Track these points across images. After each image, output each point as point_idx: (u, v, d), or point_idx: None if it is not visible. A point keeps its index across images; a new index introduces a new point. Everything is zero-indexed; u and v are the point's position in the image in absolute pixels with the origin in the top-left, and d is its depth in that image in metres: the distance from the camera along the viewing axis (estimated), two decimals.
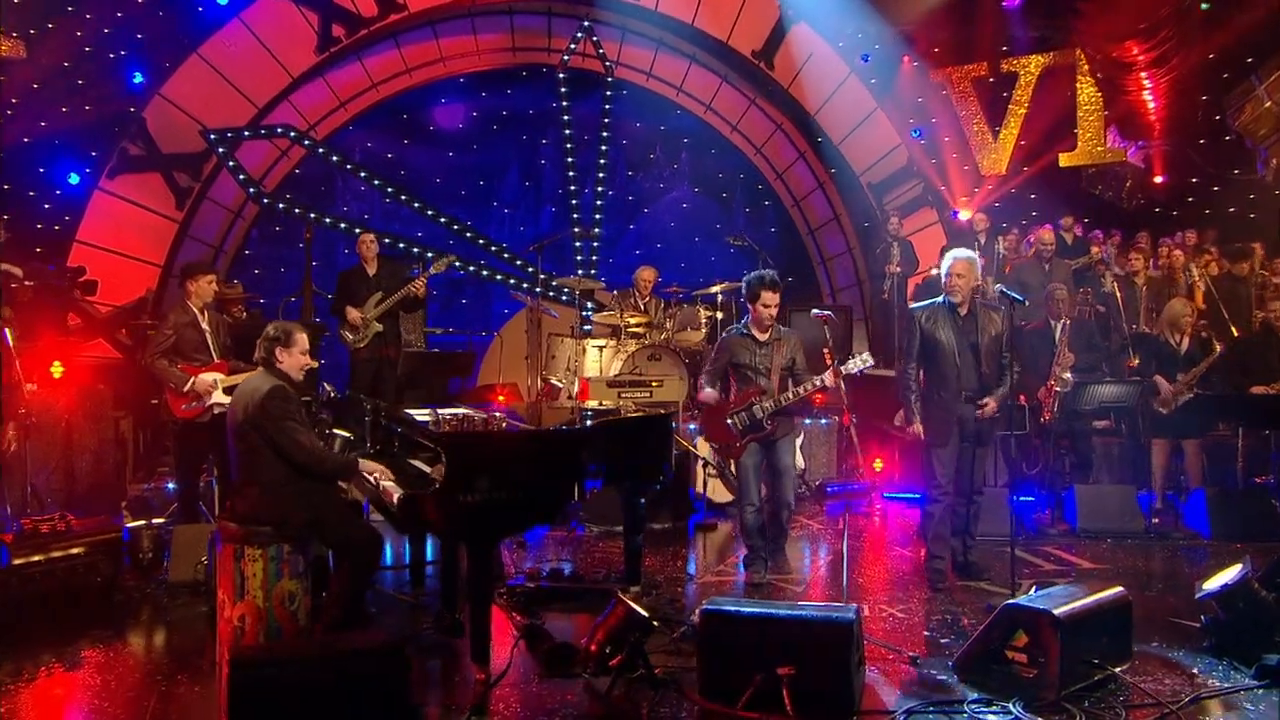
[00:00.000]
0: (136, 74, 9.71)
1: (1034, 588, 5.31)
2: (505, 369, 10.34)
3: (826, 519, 8.10)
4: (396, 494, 4.83)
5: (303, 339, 5.03)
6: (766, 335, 6.15)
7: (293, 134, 10.76)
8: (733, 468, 6.48)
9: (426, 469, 5.04)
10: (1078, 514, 7.43)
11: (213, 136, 10.22)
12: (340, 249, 11.63)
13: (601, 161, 11.79)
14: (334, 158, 11.15)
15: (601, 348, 9.08)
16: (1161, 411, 7.81)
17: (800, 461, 8.39)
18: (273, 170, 11.36)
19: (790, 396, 6.01)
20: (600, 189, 11.79)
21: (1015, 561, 5.51)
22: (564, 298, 10.90)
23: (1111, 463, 8.56)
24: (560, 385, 8.89)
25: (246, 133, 10.46)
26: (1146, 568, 6.59)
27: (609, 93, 11.94)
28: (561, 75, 11.74)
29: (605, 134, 11.81)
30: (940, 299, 6.09)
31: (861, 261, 12.47)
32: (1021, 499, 7.94)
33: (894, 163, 12.11)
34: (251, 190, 10.72)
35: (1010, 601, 4.49)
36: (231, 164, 10.41)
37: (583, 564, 6.65)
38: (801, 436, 8.49)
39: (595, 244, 11.65)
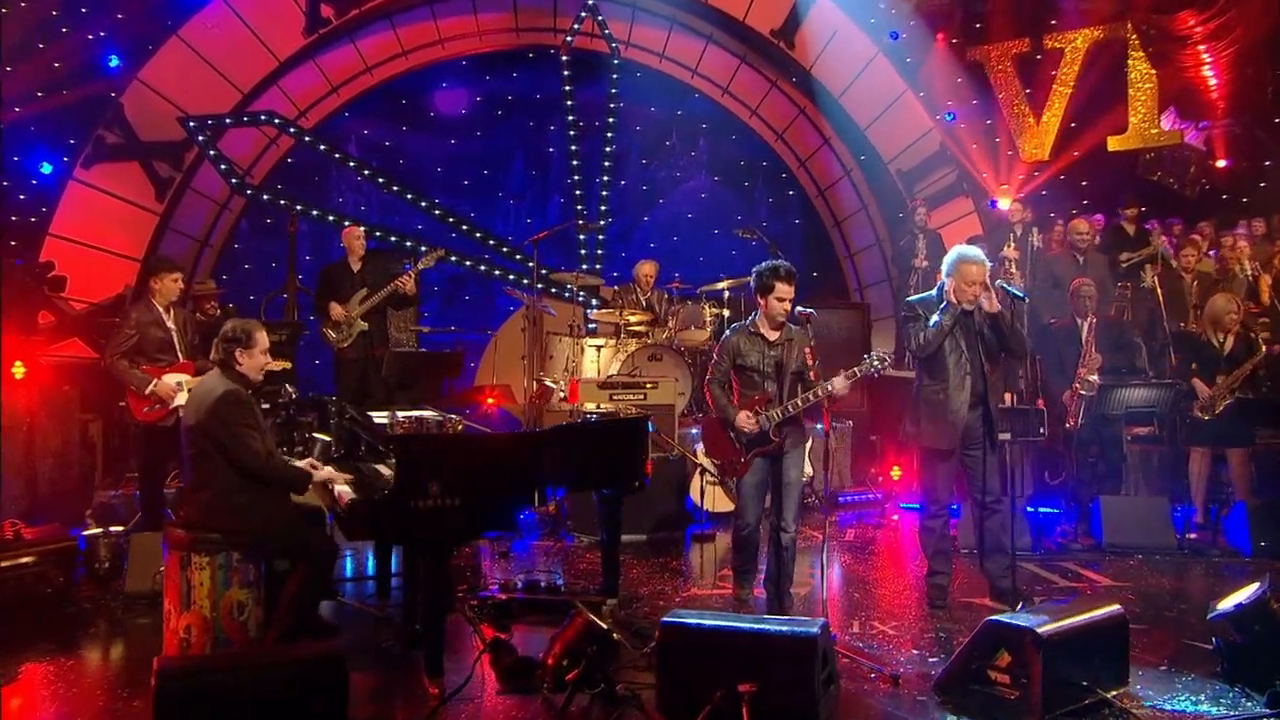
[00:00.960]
0: (113, 57, 9.84)
1: (1021, 605, 5.33)
2: (503, 370, 10.48)
3: (836, 529, 8.14)
4: (348, 498, 4.97)
5: (263, 339, 5.18)
6: (778, 334, 5.90)
7: (278, 121, 10.93)
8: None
9: (389, 473, 5.16)
10: (1103, 528, 7.40)
11: (192, 124, 10.41)
12: (334, 243, 11.68)
13: (608, 149, 11.87)
14: (321, 146, 11.32)
15: (599, 347, 9.19)
16: (1200, 417, 7.75)
17: (809, 469, 8.42)
18: (262, 159, 11.54)
19: (800, 404, 5.81)
20: (606, 178, 11.87)
21: (1026, 578, 5.51)
22: (566, 294, 11.00)
23: (1150, 473, 8.49)
24: (554, 386, 9.02)
25: (228, 120, 10.64)
26: (1172, 587, 6.56)
27: (615, 75, 12.04)
28: (565, 58, 11.84)
29: (612, 119, 11.91)
30: (934, 293, 6.08)
31: (891, 255, 12.46)
32: (1043, 511, 7.93)
33: (925, 149, 12.07)
34: (234, 181, 10.90)
35: (993, 618, 4.51)
36: (213, 153, 10.58)
37: (568, 575, 6.75)
38: (810, 442, 8.50)
39: (601, 237, 11.73)
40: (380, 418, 5.53)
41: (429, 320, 12.56)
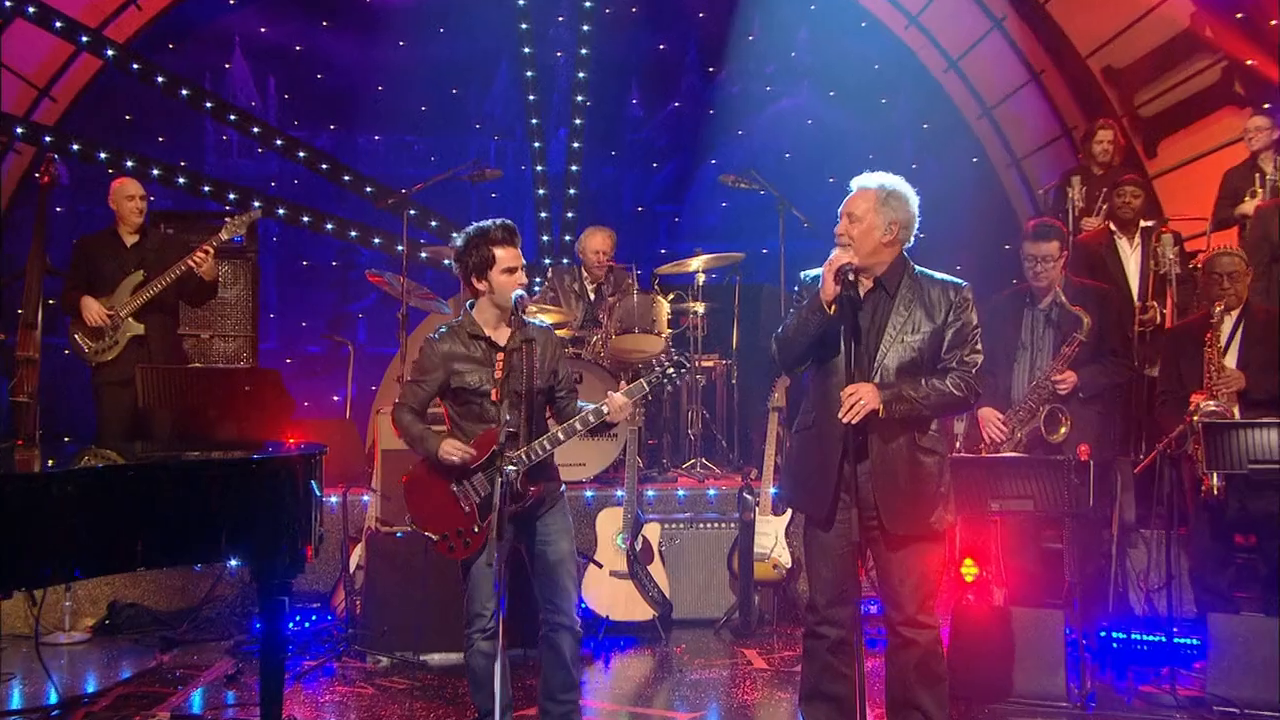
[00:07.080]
0: None
1: None
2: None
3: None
4: None
5: None
6: (508, 336, 5.94)
7: (32, 10, 11.17)
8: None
9: None
10: (1209, 669, 7.04)
11: None
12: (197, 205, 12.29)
13: (584, 52, 12.06)
14: (109, 51, 11.81)
15: None
16: None
17: (785, 558, 8.45)
18: (68, 71, 12.11)
19: (562, 436, 5.91)
20: (580, 98, 12.06)
21: None
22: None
23: None
24: None
25: None
26: None
27: None
28: None
29: (589, 3, 12.02)
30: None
31: None
32: (1117, 638, 7.67)
33: (1159, 30, 11.69)
34: None
35: None
36: None
37: (307, 708, 7.05)
38: (789, 516, 8.40)
39: (573, 191, 11.85)
40: None
41: (361, 325, 12.99)
